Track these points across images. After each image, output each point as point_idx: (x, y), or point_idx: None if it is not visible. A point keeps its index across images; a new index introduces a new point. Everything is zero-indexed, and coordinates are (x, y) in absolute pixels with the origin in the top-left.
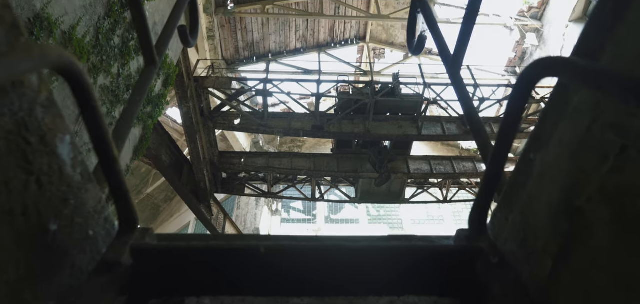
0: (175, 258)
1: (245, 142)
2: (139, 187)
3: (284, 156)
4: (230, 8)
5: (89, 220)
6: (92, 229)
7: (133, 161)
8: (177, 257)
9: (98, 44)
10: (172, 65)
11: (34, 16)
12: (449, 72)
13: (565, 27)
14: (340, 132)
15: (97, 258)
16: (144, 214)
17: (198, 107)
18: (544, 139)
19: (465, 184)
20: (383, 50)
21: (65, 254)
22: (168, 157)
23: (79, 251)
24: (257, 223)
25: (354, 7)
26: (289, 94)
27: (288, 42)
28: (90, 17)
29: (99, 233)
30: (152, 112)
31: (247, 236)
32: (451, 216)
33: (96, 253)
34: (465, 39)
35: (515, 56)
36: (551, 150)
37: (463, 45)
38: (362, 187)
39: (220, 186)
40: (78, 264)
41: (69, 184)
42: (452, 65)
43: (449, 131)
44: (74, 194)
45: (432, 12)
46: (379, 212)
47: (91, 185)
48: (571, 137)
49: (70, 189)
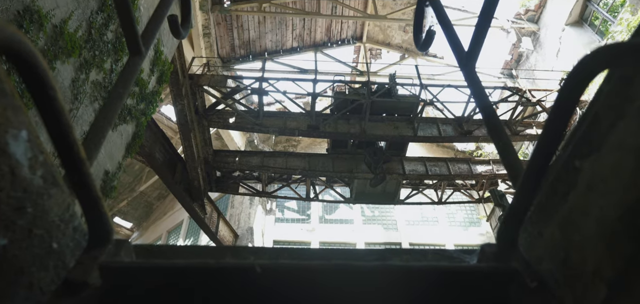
0: (153, 277)
1: (240, 141)
2: (132, 184)
3: (278, 155)
4: (226, 6)
5: (53, 231)
6: (57, 242)
7: (125, 158)
8: (155, 276)
9: (91, 39)
10: (167, 62)
11: (24, 8)
12: (463, 68)
13: (561, 30)
14: (335, 132)
15: (63, 275)
16: (137, 212)
17: (193, 105)
18: (594, 143)
19: (460, 185)
20: (380, 51)
21: (20, 273)
22: (162, 155)
23: (39, 268)
24: (250, 222)
25: (351, 7)
26: (284, 93)
27: (284, 41)
28: (82, 11)
29: (66, 245)
30: (145, 109)
31: (240, 249)
32: (446, 218)
33: (62, 269)
34: (483, 32)
35: (511, 59)
36: (606, 156)
37: (479, 40)
38: (357, 187)
39: (214, 185)
40: (37, 284)
41: (26, 190)
42: (466, 60)
43: (445, 133)
44: (32, 201)
45: (441, 4)
46: (373, 213)
47: (56, 190)
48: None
49: (27, 195)
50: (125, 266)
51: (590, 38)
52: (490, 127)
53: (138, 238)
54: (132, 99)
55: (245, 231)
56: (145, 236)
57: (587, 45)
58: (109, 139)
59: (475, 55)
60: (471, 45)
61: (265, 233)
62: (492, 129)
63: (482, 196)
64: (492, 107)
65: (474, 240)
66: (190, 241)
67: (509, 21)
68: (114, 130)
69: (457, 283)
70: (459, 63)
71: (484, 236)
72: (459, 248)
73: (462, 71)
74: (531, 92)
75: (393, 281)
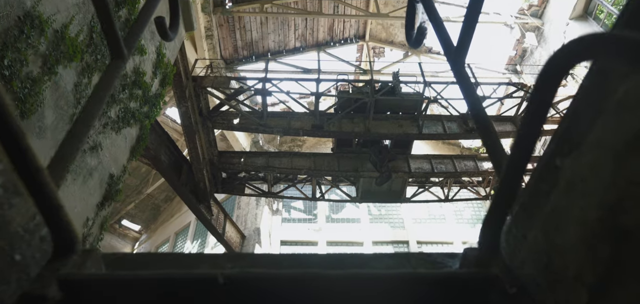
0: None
1: (245, 142)
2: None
3: (284, 156)
4: (228, 7)
5: (15, 242)
6: (21, 253)
7: (130, 161)
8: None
9: (92, 43)
10: (169, 65)
11: (24, 14)
12: (452, 65)
13: (565, 25)
14: (340, 131)
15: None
16: (144, 214)
17: (197, 106)
18: (574, 141)
19: (467, 182)
20: (383, 49)
21: None
22: (167, 157)
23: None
24: (257, 223)
25: (353, 6)
26: (288, 93)
27: (287, 41)
28: (83, 16)
29: (31, 256)
30: (149, 112)
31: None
32: (453, 215)
33: (26, 282)
34: (472, 24)
35: (515, 54)
36: (585, 154)
37: (468, 33)
38: (363, 186)
39: (220, 186)
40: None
41: None
42: (455, 56)
43: (450, 130)
44: None
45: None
46: (380, 212)
47: (19, 199)
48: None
49: None
50: (85, 279)
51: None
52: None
53: (146, 241)
54: (136, 102)
55: (252, 232)
56: (154, 239)
57: None
58: (113, 142)
59: (464, 49)
60: (460, 39)
61: (272, 234)
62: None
63: (489, 193)
64: (481, 104)
65: None
66: (198, 242)
67: (512, 17)
68: (118, 133)
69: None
70: (448, 58)
71: None
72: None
73: (451, 66)
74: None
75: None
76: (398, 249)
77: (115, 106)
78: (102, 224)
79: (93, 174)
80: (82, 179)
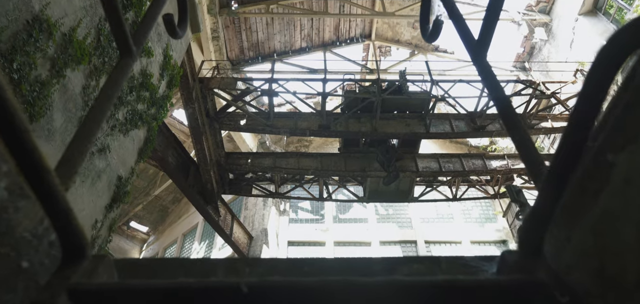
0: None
1: (251, 143)
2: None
3: (290, 156)
4: (234, 8)
5: (23, 248)
6: (28, 260)
7: (138, 163)
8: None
9: (100, 46)
10: (176, 66)
11: (33, 18)
12: (474, 59)
13: (574, 20)
14: (347, 131)
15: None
16: (152, 216)
17: (203, 108)
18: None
19: (475, 181)
20: (389, 48)
21: None
22: (174, 158)
23: (6, 290)
24: (265, 224)
25: (359, 5)
26: (294, 93)
27: (293, 41)
28: (90, 19)
29: (40, 263)
30: (156, 114)
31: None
32: (461, 214)
33: (34, 291)
34: (494, 17)
35: (523, 51)
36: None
37: (490, 26)
38: (370, 186)
39: (227, 187)
40: None
41: None
42: (477, 49)
43: (458, 128)
44: None
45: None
46: (387, 211)
47: (26, 202)
48: None
49: None
50: (96, 289)
51: (605, 27)
52: (506, 119)
53: (154, 242)
54: (143, 104)
55: (260, 233)
56: (161, 240)
57: (602, 35)
58: (121, 144)
59: (486, 43)
60: (481, 32)
61: (279, 234)
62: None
63: (498, 192)
64: (507, 98)
65: (490, 236)
66: (206, 243)
67: (520, 13)
68: (125, 135)
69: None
70: (470, 53)
71: (500, 232)
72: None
73: (474, 61)
74: (545, 85)
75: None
76: (406, 249)
77: (123, 108)
78: (111, 226)
79: (101, 176)
80: (90, 181)
